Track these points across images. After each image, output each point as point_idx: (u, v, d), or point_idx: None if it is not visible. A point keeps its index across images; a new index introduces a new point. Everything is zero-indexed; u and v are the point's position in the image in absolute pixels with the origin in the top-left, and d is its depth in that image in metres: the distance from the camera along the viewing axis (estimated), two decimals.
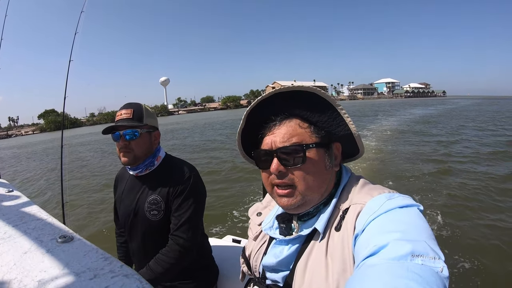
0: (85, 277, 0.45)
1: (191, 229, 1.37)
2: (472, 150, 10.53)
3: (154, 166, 1.46)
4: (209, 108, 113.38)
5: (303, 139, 0.74)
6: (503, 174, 7.22)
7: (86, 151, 18.57)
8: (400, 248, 0.50)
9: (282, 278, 0.77)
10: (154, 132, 1.49)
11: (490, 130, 15.91)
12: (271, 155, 0.74)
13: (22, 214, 0.82)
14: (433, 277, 0.45)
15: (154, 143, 1.48)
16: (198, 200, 1.43)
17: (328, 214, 0.71)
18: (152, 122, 1.48)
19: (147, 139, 1.44)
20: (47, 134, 58.90)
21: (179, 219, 1.37)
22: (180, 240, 1.35)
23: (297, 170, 0.72)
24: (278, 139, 0.74)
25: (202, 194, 1.48)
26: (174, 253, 1.34)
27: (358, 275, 0.51)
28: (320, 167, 0.74)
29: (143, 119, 1.42)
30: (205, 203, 1.51)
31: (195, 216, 1.40)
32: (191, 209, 1.38)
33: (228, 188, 7.44)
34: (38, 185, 10.42)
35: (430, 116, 28.28)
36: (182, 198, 1.38)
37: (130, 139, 1.38)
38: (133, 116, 1.40)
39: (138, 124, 1.40)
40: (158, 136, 1.53)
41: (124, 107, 1.44)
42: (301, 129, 0.75)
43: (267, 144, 0.76)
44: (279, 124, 0.76)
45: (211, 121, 39.87)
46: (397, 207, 0.61)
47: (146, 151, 1.43)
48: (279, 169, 0.72)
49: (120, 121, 1.39)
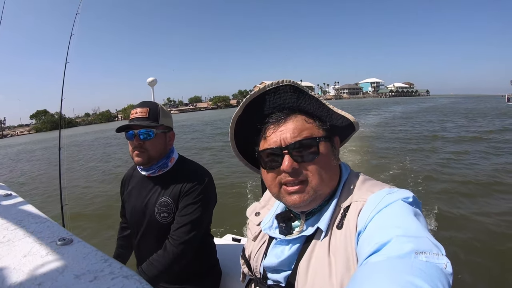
0: (85, 279, 0.44)
1: (191, 232, 1.28)
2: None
3: (167, 167, 1.39)
4: (200, 108, 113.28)
5: (313, 133, 0.70)
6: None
7: (86, 151, 18.28)
8: (403, 245, 0.48)
9: (284, 278, 0.73)
10: (169, 132, 1.42)
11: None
12: (280, 152, 0.69)
13: (20, 217, 0.80)
14: (437, 274, 0.44)
15: (169, 144, 1.41)
16: (206, 206, 1.34)
17: (330, 212, 0.69)
18: (167, 122, 1.40)
19: (162, 140, 1.36)
20: (45, 134, 57.81)
21: (182, 221, 1.29)
22: (176, 241, 1.27)
23: (310, 165, 0.68)
24: (289, 135, 0.69)
25: (211, 200, 1.39)
26: (168, 256, 1.26)
27: (362, 273, 0.49)
28: (330, 160, 0.71)
29: (159, 119, 1.34)
30: (212, 211, 1.43)
31: (199, 221, 1.31)
32: (197, 213, 1.30)
33: (227, 187, 7.33)
34: (36, 187, 10.21)
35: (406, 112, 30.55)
36: (190, 200, 1.30)
37: (144, 139, 1.31)
38: (149, 115, 1.32)
39: (154, 124, 1.32)
40: (173, 137, 1.45)
41: (140, 105, 1.35)
42: (308, 123, 0.71)
43: (274, 142, 0.70)
44: (285, 120, 0.71)
45: (213, 119, 40.20)
46: (398, 200, 0.60)
47: (160, 151, 1.36)
48: (293, 166, 0.67)
49: (135, 120, 1.31)
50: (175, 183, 1.34)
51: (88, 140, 27.21)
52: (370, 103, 68.98)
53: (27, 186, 10.46)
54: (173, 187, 1.33)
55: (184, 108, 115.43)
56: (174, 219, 1.31)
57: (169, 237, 1.30)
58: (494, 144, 10.62)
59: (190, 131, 24.30)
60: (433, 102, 57.63)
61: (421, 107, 39.42)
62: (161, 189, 1.35)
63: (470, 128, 15.15)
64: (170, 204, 1.31)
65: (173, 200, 1.31)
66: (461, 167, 7.79)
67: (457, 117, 22.27)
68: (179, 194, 1.31)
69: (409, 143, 11.67)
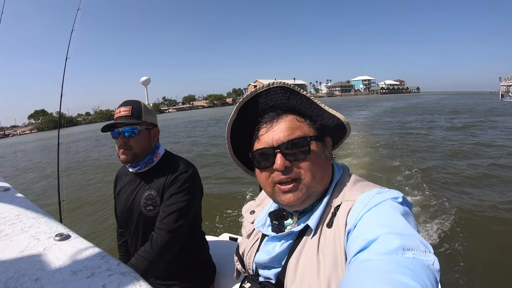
0: (82, 276, 0.43)
1: (179, 221, 1.27)
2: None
3: (153, 162, 1.40)
4: (198, 106, 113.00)
5: (304, 132, 0.70)
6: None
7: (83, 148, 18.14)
8: (390, 242, 0.48)
9: (274, 275, 0.73)
10: (153, 129, 1.43)
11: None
12: (272, 152, 0.69)
13: (18, 212, 0.78)
14: (424, 271, 0.43)
15: (153, 140, 1.42)
16: (191, 197, 1.33)
17: (321, 211, 0.68)
18: (151, 119, 1.42)
19: (146, 136, 1.38)
20: (47, 133, 57.61)
21: (168, 210, 1.27)
22: (164, 230, 1.25)
23: (302, 163, 0.68)
24: (281, 134, 0.69)
25: (197, 191, 1.39)
26: (157, 246, 1.23)
27: (350, 274, 0.49)
28: (322, 158, 0.71)
29: (142, 116, 1.36)
30: (199, 202, 1.43)
31: (186, 210, 1.31)
32: (183, 202, 1.29)
33: (226, 186, 7.32)
34: (34, 183, 10.09)
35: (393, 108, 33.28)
36: (174, 190, 1.30)
37: (129, 136, 1.32)
38: (132, 113, 1.34)
39: (137, 121, 1.34)
40: (157, 133, 1.47)
41: (123, 104, 1.37)
42: (299, 122, 0.72)
43: (266, 142, 0.71)
44: (277, 120, 0.71)
45: (218, 115, 40.96)
46: (387, 199, 0.60)
47: (145, 148, 1.37)
48: (285, 164, 0.67)
49: (119, 119, 1.33)
50: (160, 177, 1.34)
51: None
52: (362, 100, 69.85)
53: (25, 181, 10.34)
54: (157, 180, 1.34)
55: (181, 106, 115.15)
56: (159, 211, 1.30)
57: (155, 228, 1.27)
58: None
59: (206, 126, 27.23)
60: (420, 98, 58.77)
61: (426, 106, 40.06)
62: (146, 183, 1.36)
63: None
64: (155, 197, 1.32)
65: (157, 192, 1.32)
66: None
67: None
68: (163, 186, 1.32)
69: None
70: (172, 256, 1.29)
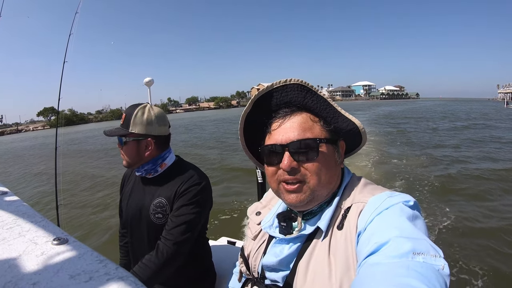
0: (80, 280, 0.43)
1: (186, 233, 1.25)
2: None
3: (157, 172, 1.36)
4: (204, 108, 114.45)
5: (315, 133, 0.70)
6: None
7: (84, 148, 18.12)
8: (401, 245, 0.48)
9: (282, 278, 0.72)
10: (143, 140, 1.32)
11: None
12: (281, 150, 0.68)
13: (15, 216, 0.78)
14: (434, 275, 0.43)
15: (146, 151, 1.33)
16: (202, 208, 1.31)
17: (331, 212, 0.68)
18: (140, 130, 1.30)
19: (133, 148, 1.32)
20: (60, 129, 58.69)
21: (177, 221, 1.25)
22: (170, 242, 1.23)
23: (309, 165, 0.67)
24: (291, 133, 0.69)
25: (207, 203, 1.37)
26: (162, 256, 1.21)
27: (360, 276, 0.49)
28: (331, 162, 0.70)
29: (129, 126, 1.30)
30: (208, 214, 1.41)
31: (194, 223, 1.28)
32: (192, 215, 1.27)
33: (225, 187, 7.30)
34: (32, 186, 10.04)
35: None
36: (185, 201, 1.27)
37: (122, 145, 1.33)
38: (123, 122, 1.32)
39: (124, 132, 1.30)
40: (151, 144, 1.33)
41: (125, 110, 1.35)
42: (312, 122, 0.71)
43: (276, 139, 0.70)
44: (290, 117, 0.71)
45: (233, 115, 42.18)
46: (398, 203, 0.59)
47: (136, 158, 1.33)
48: (291, 165, 0.67)
49: (119, 125, 1.33)
50: (171, 185, 1.31)
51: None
52: (362, 104, 70.28)
53: (23, 186, 10.28)
54: (168, 189, 1.31)
55: (189, 107, 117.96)
56: (168, 220, 1.28)
57: (161, 238, 1.26)
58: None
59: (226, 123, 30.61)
60: (416, 104, 58.93)
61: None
62: (157, 190, 1.33)
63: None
64: (165, 205, 1.29)
65: (168, 201, 1.29)
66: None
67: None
68: (175, 195, 1.28)
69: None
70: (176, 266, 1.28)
